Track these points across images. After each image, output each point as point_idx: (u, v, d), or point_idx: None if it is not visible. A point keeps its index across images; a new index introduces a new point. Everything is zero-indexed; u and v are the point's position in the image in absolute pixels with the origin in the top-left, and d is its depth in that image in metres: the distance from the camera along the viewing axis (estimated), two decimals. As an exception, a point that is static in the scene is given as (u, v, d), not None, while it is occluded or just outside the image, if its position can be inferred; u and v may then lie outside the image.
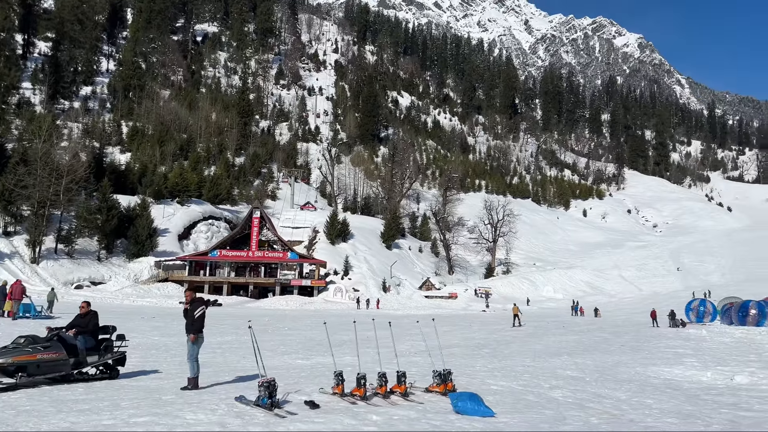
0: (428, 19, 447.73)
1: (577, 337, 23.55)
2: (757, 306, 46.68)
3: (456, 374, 10.44)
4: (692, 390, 10.67)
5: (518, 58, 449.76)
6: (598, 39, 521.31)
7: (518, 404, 8.76)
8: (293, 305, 55.68)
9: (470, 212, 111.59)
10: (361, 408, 8.09)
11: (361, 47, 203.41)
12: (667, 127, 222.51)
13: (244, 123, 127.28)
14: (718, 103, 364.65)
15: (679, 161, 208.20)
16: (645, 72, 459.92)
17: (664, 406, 8.80)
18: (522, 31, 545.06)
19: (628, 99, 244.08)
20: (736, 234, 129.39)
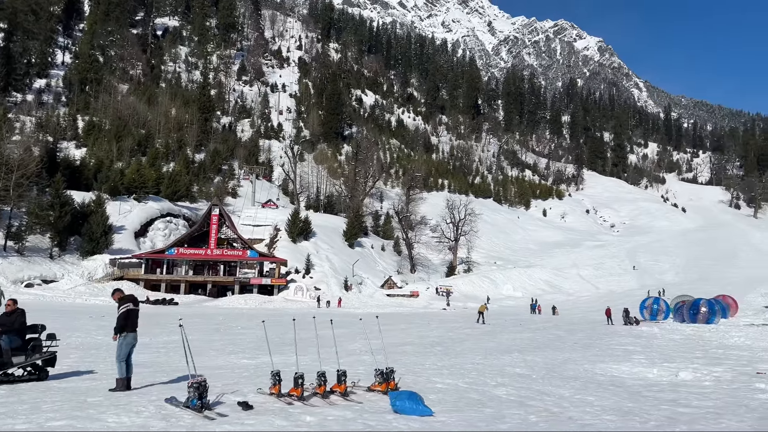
0: (393, 18, 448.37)
1: (531, 335, 23.68)
2: (707, 304, 47.96)
3: (403, 372, 10.26)
4: (636, 387, 10.71)
5: (481, 59, 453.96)
6: (559, 42, 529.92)
7: (460, 402, 8.62)
8: (252, 304, 54.94)
9: (433, 211, 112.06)
10: (297, 408, 7.83)
11: (325, 45, 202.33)
12: (625, 129, 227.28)
13: (204, 119, 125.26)
14: (674, 106, 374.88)
15: (637, 163, 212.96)
16: (604, 75, 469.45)
17: (605, 403, 8.77)
18: (485, 32, 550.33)
19: (587, 101, 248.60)
20: (690, 234, 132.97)
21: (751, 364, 14.38)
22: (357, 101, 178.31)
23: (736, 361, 15.20)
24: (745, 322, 47.65)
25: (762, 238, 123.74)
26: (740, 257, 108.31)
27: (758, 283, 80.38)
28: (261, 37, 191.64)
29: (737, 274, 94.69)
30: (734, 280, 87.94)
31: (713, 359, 15.55)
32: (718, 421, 7.66)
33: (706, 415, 8.00)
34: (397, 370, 10.53)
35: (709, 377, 11.93)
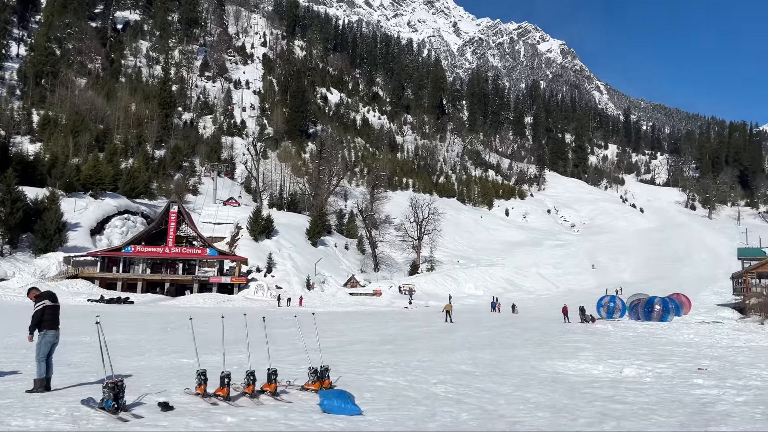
0: (359, 17, 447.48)
1: (487, 332, 23.73)
2: (661, 302, 49.04)
3: (345, 371, 10.04)
4: (577, 383, 10.72)
5: (447, 59, 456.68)
6: (523, 44, 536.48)
7: (394, 401, 8.47)
8: (211, 303, 54.05)
9: (397, 210, 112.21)
10: (220, 409, 7.55)
11: (290, 42, 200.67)
12: (586, 131, 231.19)
13: (165, 115, 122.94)
14: (634, 109, 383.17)
15: (597, 164, 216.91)
16: (567, 77, 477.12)
17: (541, 399, 8.72)
18: (451, 33, 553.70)
19: (550, 103, 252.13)
20: (648, 234, 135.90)
21: (694, 360, 14.61)
22: (322, 99, 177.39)
23: (681, 357, 15.43)
24: (697, 319, 48.94)
25: (715, 239, 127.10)
26: (695, 257, 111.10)
27: (711, 281, 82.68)
28: (224, 32, 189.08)
29: (691, 273, 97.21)
30: (689, 278, 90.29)
31: (659, 356, 15.75)
32: (649, 418, 7.65)
33: (638, 412, 7.99)
34: (342, 368, 10.31)
35: (652, 373, 12.03)
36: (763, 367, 13.74)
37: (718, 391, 10.19)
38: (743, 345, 22.20)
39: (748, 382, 11.48)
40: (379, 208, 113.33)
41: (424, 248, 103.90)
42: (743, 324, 47.01)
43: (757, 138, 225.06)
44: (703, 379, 11.23)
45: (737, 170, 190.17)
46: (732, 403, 8.98)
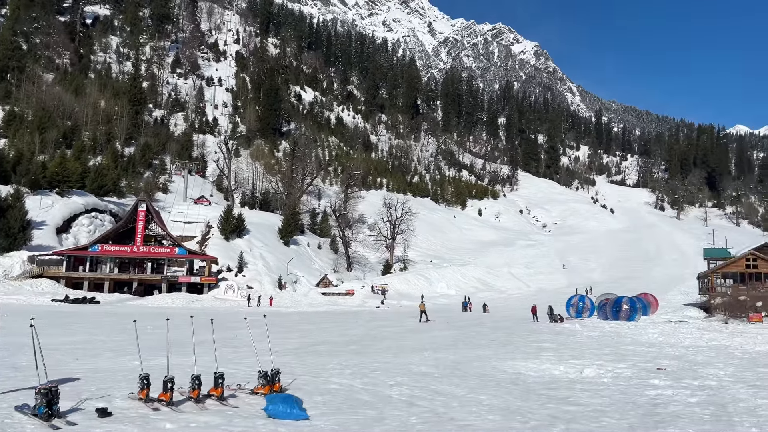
0: (333, 16, 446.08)
1: (454, 332, 23.70)
2: (629, 302, 49.67)
3: (302, 373, 9.86)
4: (534, 384, 10.70)
5: (421, 59, 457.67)
6: (497, 45, 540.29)
7: (345, 405, 8.33)
8: (179, 303, 53.25)
9: (371, 210, 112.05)
10: (161, 415, 7.33)
11: (263, 39, 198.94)
12: (558, 132, 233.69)
13: (135, 111, 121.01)
14: (605, 111, 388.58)
15: (569, 165, 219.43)
16: (540, 79, 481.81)
17: (495, 402, 8.67)
18: (426, 33, 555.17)
19: (523, 104, 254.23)
20: (618, 234, 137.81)
21: (654, 360, 14.72)
22: (296, 97, 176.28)
23: (642, 357, 15.55)
24: (663, 319, 49.67)
25: (684, 239, 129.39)
26: (663, 257, 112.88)
27: (679, 281, 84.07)
28: (197, 29, 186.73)
29: (660, 272, 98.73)
30: (657, 278, 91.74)
31: (621, 355, 15.85)
32: (599, 420, 7.64)
33: (590, 414, 7.98)
34: (299, 370, 10.11)
35: (611, 373, 12.08)
36: (721, 367, 13.92)
37: (672, 391, 10.26)
38: (705, 344, 22.52)
39: (703, 382, 11.60)
40: (353, 207, 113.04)
41: (397, 248, 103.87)
42: (708, 323, 47.86)
43: (724, 141, 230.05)
44: (659, 380, 11.30)
45: (705, 172, 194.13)
46: (684, 404, 9.04)
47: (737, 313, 52.92)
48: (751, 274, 60.11)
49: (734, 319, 51.20)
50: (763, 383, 12.04)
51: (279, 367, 9.59)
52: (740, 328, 42.56)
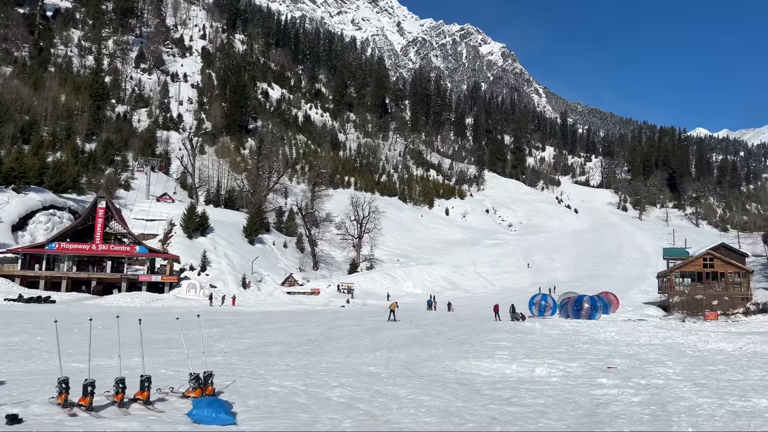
0: (302, 13, 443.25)
1: (414, 331, 23.66)
2: (590, 300, 50.42)
3: (244, 375, 9.63)
4: (481, 384, 10.69)
5: (390, 58, 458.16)
6: (465, 45, 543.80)
7: (278, 408, 8.14)
8: (139, 302, 52.20)
9: (338, 208, 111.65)
10: (77, 421, 7.03)
11: (230, 35, 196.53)
12: (524, 132, 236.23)
13: (97, 107, 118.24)
14: (571, 112, 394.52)
15: (534, 165, 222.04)
16: (507, 80, 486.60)
17: (436, 403, 8.60)
18: (395, 32, 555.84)
19: (490, 105, 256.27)
20: (581, 234, 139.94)
21: (607, 359, 14.87)
22: (263, 95, 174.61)
23: (595, 356, 15.70)
24: (623, 317, 50.54)
25: (645, 239, 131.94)
26: (625, 256, 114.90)
27: (640, 280, 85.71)
28: (162, 24, 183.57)
29: (622, 272, 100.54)
30: (619, 277, 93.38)
31: (575, 354, 15.98)
32: (538, 421, 7.63)
33: (530, 414, 7.97)
34: (243, 371, 9.86)
35: (562, 372, 12.14)
36: (670, 365, 14.14)
37: (617, 390, 10.35)
38: (659, 342, 22.92)
39: (650, 380, 11.74)
40: (320, 206, 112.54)
41: (364, 247, 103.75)
42: (666, 322, 48.92)
43: (685, 143, 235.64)
44: (607, 379, 11.39)
45: (666, 173, 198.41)
46: (626, 404, 9.11)
47: (694, 311, 54.30)
48: (708, 274, 61.62)
49: (691, 318, 52.50)
50: (708, 381, 12.26)
51: (223, 368, 9.35)
52: (696, 326, 43.58)
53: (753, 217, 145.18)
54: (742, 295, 59.05)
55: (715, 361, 16.51)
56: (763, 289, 63.20)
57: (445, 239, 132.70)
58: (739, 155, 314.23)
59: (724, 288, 59.60)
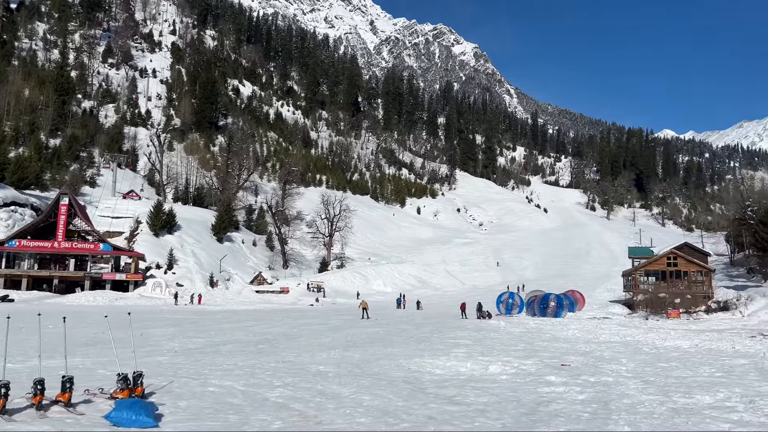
0: (275, 10, 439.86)
1: (377, 330, 23.57)
2: (556, 299, 50.90)
3: (185, 375, 9.39)
4: (428, 383, 10.64)
5: (363, 57, 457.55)
6: (438, 45, 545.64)
7: (210, 410, 7.93)
8: (102, 301, 51.17)
9: (309, 207, 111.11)
10: None
11: (201, 31, 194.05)
12: (495, 132, 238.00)
13: (62, 101, 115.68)
14: (541, 113, 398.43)
15: (505, 165, 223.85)
16: (479, 80, 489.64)
17: (375, 403, 8.51)
18: (368, 31, 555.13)
19: (462, 105, 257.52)
20: (550, 233, 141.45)
21: (563, 356, 14.95)
22: (234, 91, 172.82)
23: (552, 353, 15.78)
24: (589, 315, 51.16)
25: (612, 238, 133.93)
26: (593, 255, 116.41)
27: (606, 279, 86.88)
28: (131, 18, 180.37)
29: (589, 270, 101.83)
30: (586, 276, 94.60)
31: (532, 352, 16.05)
32: (474, 420, 7.59)
33: (469, 413, 7.92)
34: (185, 371, 9.59)
35: (514, 370, 12.16)
36: (624, 362, 14.29)
37: (564, 388, 10.39)
38: (619, 340, 23.22)
39: (600, 378, 11.83)
40: (291, 204, 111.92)
41: (335, 245, 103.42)
42: (629, 319, 49.67)
43: (652, 144, 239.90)
44: (556, 376, 11.43)
45: (634, 174, 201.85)
46: (569, 402, 9.13)
47: (657, 309, 55.23)
48: (671, 272, 62.68)
49: (655, 316, 53.38)
50: (657, 379, 12.39)
51: (165, 368, 9.11)
52: (659, 324, 44.33)
53: (717, 218, 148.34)
54: (704, 293, 60.21)
55: (669, 358, 16.75)
56: (725, 288, 64.51)
57: (417, 238, 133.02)
58: (704, 157, 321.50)
59: (687, 286, 60.70)
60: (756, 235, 66.90)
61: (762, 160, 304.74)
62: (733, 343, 23.42)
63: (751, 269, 73.77)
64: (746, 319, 47.69)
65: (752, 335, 28.60)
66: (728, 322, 46.01)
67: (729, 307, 54.68)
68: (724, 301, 57.77)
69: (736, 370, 14.20)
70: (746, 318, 48.62)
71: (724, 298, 58.29)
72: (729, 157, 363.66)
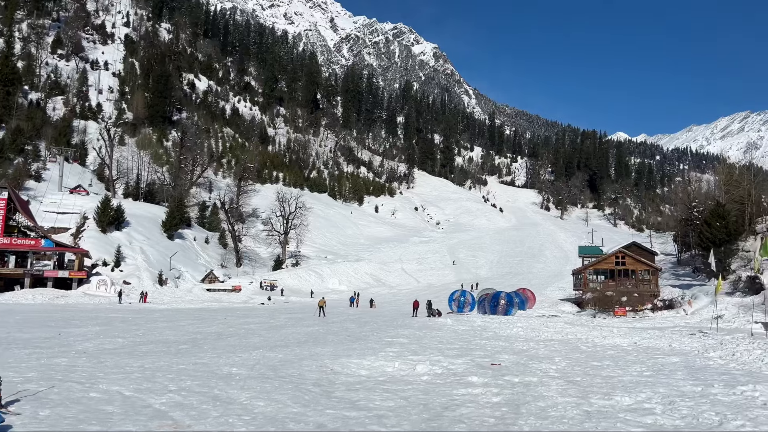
0: (233, 4, 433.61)
1: (317, 329, 23.09)
2: (506, 297, 51.31)
3: (73, 379, 8.71)
4: (339, 384, 10.27)
5: (323, 54, 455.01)
6: (398, 44, 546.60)
7: (74, 419, 7.24)
8: (42, 299, 49.21)
9: (265, 204, 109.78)
10: None
11: (156, 24, 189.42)
12: (453, 132, 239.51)
13: (6, 92, 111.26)
14: (499, 114, 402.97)
15: (463, 165, 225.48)
16: (438, 80, 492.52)
17: (268, 409, 8.10)
18: (328, 28, 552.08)
19: (421, 104, 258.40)
20: (505, 232, 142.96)
21: (496, 355, 14.76)
22: (189, 86, 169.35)
23: (487, 352, 15.59)
24: (538, 313, 51.68)
25: (565, 237, 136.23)
26: (546, 254, 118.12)
27: (558, 277, 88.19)
28: (82, 8, 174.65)
29: (542, 269, 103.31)
30: (540, 274, 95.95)
31: (467, 350, 15.85)
32: (368, 427, 7.22)
33: (365, 420, 7.58)
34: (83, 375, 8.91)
35: (441, 370, 11.90)
36: (556, 361, 14.17)
37: (482, 390, 10.14)
38: (560, 338, 23.29)
39: (524, 378, 11.65)
40: (247, 201, 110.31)
41: (291, 243, 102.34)
42: (578, 317, 50.37)
43: (605, 146, 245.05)
44: (480, 377, 11.19)
45: (587, 175, 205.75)
46: (481, 405, 8.87)
47: (605, 307, 56.23)
48: (620, 271, 63.80)
49: (602, 314, 54.33)
50: (583, 378, 12.29)
51: (59, 371, 8.48)
52: (605, 321, 45.05)
53: (666, 218, 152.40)
54: (651, 291, 61.48)
55: (603, 356, 16.76)
56: (671, 287, 66.08)
57: (374, 236, 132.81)
58: (655, 159, 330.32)
59: (635, 285, 61.90)
60: (701, 235, 68.66)
61: (709, 163, 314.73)
62: (671, 340, 23.75)
63: (697, 268, 75.73)
64: (689, 317, 48.85)
65: (692, 333, 29.19)
66: (672, 320, 47.09)
67: (674, 306, 55.99)
68: (669, 299, 59.13)
69: (665, 368, 14.24)
70: (689, 316, 49.80)
71: (670, 296, 59.65)
72: (679, 159, 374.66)
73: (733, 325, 38.75)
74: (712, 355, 18.09)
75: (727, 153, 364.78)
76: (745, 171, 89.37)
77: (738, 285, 55.57)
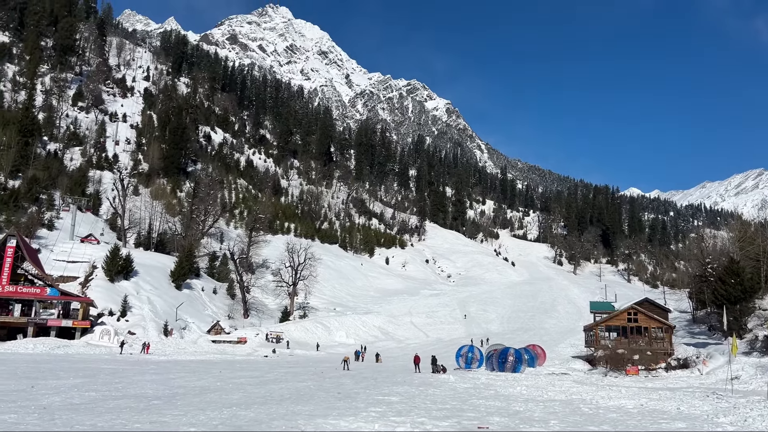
0: (252, 61, 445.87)
1: (309, 384, 22.32)
2: (515, 353, 50.00)
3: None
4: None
5: (338, 109, 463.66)
6: (411, 100, 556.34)
7: None
8: (41, 349, 48.63)
9: (275, 254, 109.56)
10: None
11: (175, 78, 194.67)
12: (465, 186, 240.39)
13: (25, 142, 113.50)
14: (511, 168, 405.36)
15: (474, 218, 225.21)
16: (451, 135, 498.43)
17: None
18: (343, 84, 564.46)
19: (433, 158, 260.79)
20: (517, 287, 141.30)
21: (488, 417, 14.02)
22: (205, 138, 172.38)
23: (478, 414, 14.84)
24: (548, 370, 50.19)
25: (579, 293, 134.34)
26: (558, 310, 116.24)
27: (570, 334, 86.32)
28: (104, 63, 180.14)
29: (554, 325, 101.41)
30: (551, 330, 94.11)
31: (458, 411, 15.10)
32: None
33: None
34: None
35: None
36: (553, 424, 13.39)
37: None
38: (563, 398, 22.32)
39: (510, 441, 10.95)
40: (257, 251, 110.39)
41: (299, 294, 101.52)
42: (588, 376, 48.82)
43: (618, 201, 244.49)
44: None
45: (600, 230, 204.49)
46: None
47: (617, 366, 54.55)
48: (632, 328, 62.25)
49: (614, 372, 52.66)
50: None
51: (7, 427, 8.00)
52: (616, 381, 43.57)
53: (681, 275, 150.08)
54: (665, 350, 59.79)
55: (604, 420, 15.91)
56: (686, 345, 64.27)
57: (384, 288, 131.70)
58: (669, 215, 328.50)
59: (648, 343, 60.26)
60: (715, 292, 67.20)
61: (724, 220, 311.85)
62: (681, 403, 22.69)
63: (712, 327, 73.83)
64: (704, 378, 47.23)
65: (706, 395, 28.00)
66: (686, 380, 45.50)
67: (689, 365, 54.28)
68: (683, 358, 57.38)
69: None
70: (704, 376, 48.16)
71: (684, 355, 57.91)
72: (693, 216, 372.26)
73: (750, 387, 37.26)
74: (722, 421, 17.14)
75: (742, 210, 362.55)
76: (759, 228, 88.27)
77: (755, 344, 53.92)
